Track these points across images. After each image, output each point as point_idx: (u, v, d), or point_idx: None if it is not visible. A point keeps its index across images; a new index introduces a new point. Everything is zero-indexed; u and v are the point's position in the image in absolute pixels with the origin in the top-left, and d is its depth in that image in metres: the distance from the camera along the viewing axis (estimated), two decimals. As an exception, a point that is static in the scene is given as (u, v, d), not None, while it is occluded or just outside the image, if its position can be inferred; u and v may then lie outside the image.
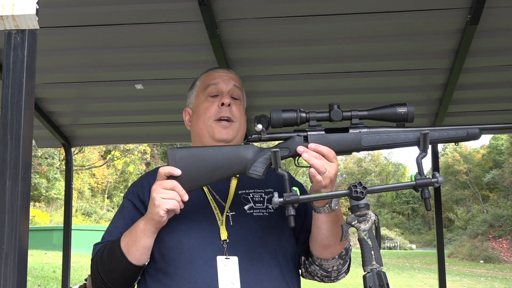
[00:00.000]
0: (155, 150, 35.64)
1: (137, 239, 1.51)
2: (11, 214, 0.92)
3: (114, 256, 1.53)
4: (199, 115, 1.72)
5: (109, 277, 1.55)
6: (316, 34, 3.01)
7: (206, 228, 1.59)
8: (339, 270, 1.68)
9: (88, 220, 30.00)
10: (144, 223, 1.50)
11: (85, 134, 4.27)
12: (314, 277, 1.72)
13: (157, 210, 1.45)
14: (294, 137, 1.49)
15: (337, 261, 1.65)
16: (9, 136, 0.95)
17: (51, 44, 3.07)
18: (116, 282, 1.56)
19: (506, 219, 34.00)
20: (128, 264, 1.51)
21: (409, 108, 1.45)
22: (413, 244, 50.92)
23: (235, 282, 1.52)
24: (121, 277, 1.55)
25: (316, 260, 1.66)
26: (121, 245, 1.52)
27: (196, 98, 1.78)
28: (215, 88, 1.73)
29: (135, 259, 1.52)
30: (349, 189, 1.36)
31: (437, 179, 1.36)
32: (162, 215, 1.45)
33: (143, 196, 1.67)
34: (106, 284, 1.56)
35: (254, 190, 1.70)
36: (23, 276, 0.92)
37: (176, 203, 1.45)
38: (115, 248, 1.53)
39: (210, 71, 1.81)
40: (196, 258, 1.54)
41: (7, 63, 0.97)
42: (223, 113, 1.68)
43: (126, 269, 1.53)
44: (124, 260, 1.51)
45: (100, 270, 1.56)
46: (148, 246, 1.53)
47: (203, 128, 1.70)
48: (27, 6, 0.97)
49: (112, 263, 1.54)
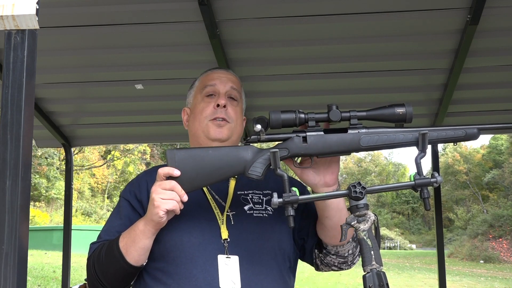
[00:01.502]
0: (155, 150, 35.65)
1: (136, 240, 1.51)
2: (11, 214, 0.92)
3: (112, 257, 1.53)
4: (195, 115, 1.74)
5: (106, 277, 1.55)
6: (316, 34, 3.01)
7: (207, 227, 1.59)
8: (354, 253, 1.69)
9: (88, 220, 30.01)
10: (143, 224, 1.50)
11: (85, 134, 4.27)
12: (332, 267, 1.72)
13: (157, 211, 1.45)
14: (293, 137, 1.49)
15: (351, 244, 1.66)
16: (9, 136, 0.95)
17: (51, 44, 3.07)
18: (113, 282, 1.56)
19: (506, 219, 34.00)
20: (126, 265, 1.52)
21: (408, 108, 1.45)
22: (413, 244, 50.93)
23: (236, 281, 1.52)
24: (118, 277, 1.55)
25: (331, 249, 1.66)
26: (119, 245, 1.52)
27: (193, 98, 1.79)
28: (212, 89, 1.74)
29: (134, 260, 1.52)
30: (348, 189, 1.36)
31: (436, 179, 1.36)
32: (161, 216, 1.45)
33: (140, 195, 1.67)
34: (103, 283, 1.57)
35: (253, 191, 1.71)
36: (23, 276, 0.92)
37: (176, 203, 1.45)
38: (113, 249, 1.53)
39: (209, 72, 1.82)
40: (197, 257, 1.54)
41: (7, 63, 0.97)
42: (218, 114, 1.69)
43: (124, 270, 1.53)
44: (122, 261, 1.51)
45: (97, 269, 1.56)
46: (147, 247, 1.53)
47: (198, 128, 1.71)
48: (27, 6, 0.97)
49: (109, 263, 1.54)
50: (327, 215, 1.58)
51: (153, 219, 1.47)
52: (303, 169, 1.53)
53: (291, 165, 1.53)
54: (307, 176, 1.54)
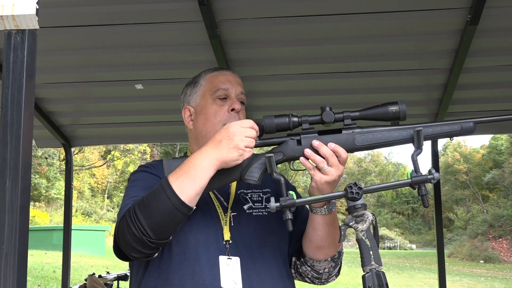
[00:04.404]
0: (155, 150, 35.67)
1: (197, 178, 1.41)
2: (11, 214, 0.92)
3: (161, 197, 1.41)
4: (207, 117, 1.70)
5: (152, 222, 1.41)
6: (316, 34, 3.01)
7: (211, 227, 1.59)
8: (330, 272, 1.69)
9: (88, 220, 30.01)
10: (209, 162, 1.42)
11: (85, 134, 4.27)
12: (305, 278, 1.73)
13: (238, 156, 1.42)
14: (288, 141, 1.49)
15: (329, 263, 1.66)
16: (9, 136, 0.95)
17: (51, 44, 3.07)
18: (160, 228, 1.42)
19: (506, 219, 34.01)
20: (181, 204, 1.40)
21: (401, 106, 1.44)
22: (413, 244, 50.93)
23: (237, 281, 1.53)
24: (167, 221, 1.42)
25: (308, 261, 1.67)
26: (172, 185, 1.41)
27: (201, 99, 1.75)
28: (225, 93, 1.72)
29: (189, 199, 1.41)
30: (345, 190, 1.37)
31: (433, 175, 1.36)
32: (238, 162, 1.43)
33: (157, 172, 1.64)
34: (145, 231, 1.41)
35: (252, 190, 1.71)
36: (23, 276, 0.92)
37: (250, 155, 1.44)
38: (164, 188, 1.42)
39: (216, 72, 1.79)
40: (201, 255, 1.54)
41: (7, 63, 0.97)
42: (232, 119, 1.65)
43: (176, 211, 1.41)
44: (175, 200, 1.40)
45: (141, 216, 1.41)
46: (203, 187, 1.44)
47: (211, 131, 1.66)
48: (27, 6, 0.97)
49: (158, 206, 1.41)
50: (314, 226, 1.58)
51: (225, 160, 1.42)
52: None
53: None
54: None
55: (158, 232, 1.42)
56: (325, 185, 1.46)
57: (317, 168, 1.46)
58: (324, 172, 1.45)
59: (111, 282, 4.11)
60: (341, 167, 1.46)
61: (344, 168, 1.48)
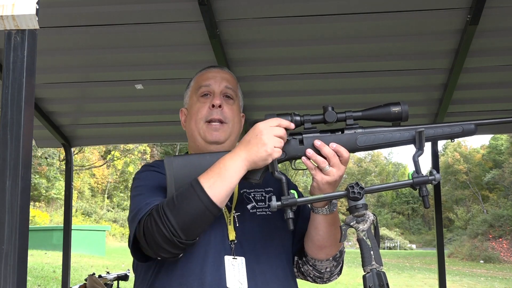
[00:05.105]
0: (155, 150, 35.69)
1: (228, 179, 1.42)
2: (11, 214, 0.92)
3: (192, 198, 1.41)
4: (191, 115, 1.72)
5: (182, 222, 1.41)
6: (316, 34, 3.01)
7: (218, 227, 1.59)
8: (332, 272, 1.69)
9: (88, 220, 30.03)
10: (240, 162, 1.43)
11: (85, 134, 4.27)
12: (307, 277, 1.73)
13: (266, 156, 1.41)
14: (290, 140, 1.48)
15: (331, 262, 1.66)
16: (9, 136, 0.95)
17: (51, 44, 3.07)
18: (189, 228, 1.42)
19: (506, 219, 34.00)
20: (211, 204, 1.41)
21: (403, 106, 1.44)
22: (413, 244, 50.93)
23: (243, 281, 1.53)
24: (197, 221, 1.42)
25: (310, 260, 1.67)
26: (203, 186, 1.41)
27: (190, 99, 1.78)
28: (207, 89, 1.72)
29: (220, 201, 1.42)
30: (347, 190, 1.36)
31: (434, 176, 1.36)
32: (268, 161, 1.42)
33: (162, 171, 1.61)
34: (174, 231, 1.40)
35: (255, 190, 1.71)
36: (23, 276, 0.92)
37: (279, 155, 1.43)
38: (196, 189, 1.41)
39: (203, 71, 1.80)
40: (208, 255, 1.54)
41: (7, 63, 0.97)
42: (213, 115, 1.67)
43: (206, 211, 1.41)
44: (206, 200, 1.40)
45: (169, 215, 1.41)
46: (233, 190, 1.45)
47: (195, 129, 1.70)
48: (27, 6, 0.97)
49: (189, 207, 1.41)
50: (316, 226, 1.58)
51: (255, 161, 1.42)
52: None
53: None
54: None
55: (188, 233, 1.42)
56: (327, 185, 1.46)
57: (318, 168, 1.46)
58: (326, 172, 1.44)
59: (111, 282, 4.11)
60: (342, 167, 1.46)
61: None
